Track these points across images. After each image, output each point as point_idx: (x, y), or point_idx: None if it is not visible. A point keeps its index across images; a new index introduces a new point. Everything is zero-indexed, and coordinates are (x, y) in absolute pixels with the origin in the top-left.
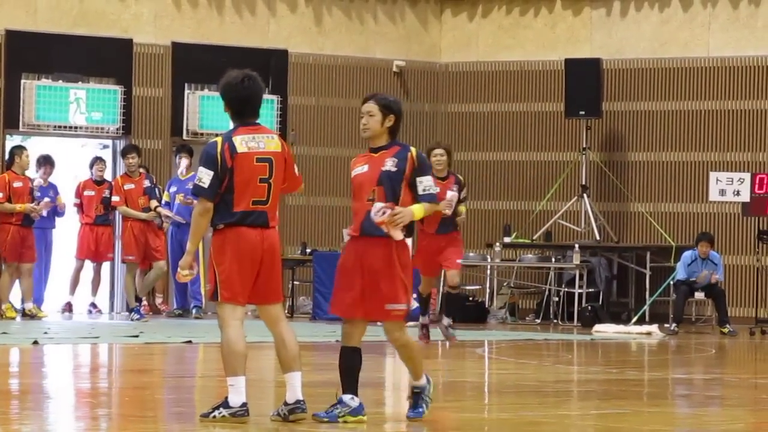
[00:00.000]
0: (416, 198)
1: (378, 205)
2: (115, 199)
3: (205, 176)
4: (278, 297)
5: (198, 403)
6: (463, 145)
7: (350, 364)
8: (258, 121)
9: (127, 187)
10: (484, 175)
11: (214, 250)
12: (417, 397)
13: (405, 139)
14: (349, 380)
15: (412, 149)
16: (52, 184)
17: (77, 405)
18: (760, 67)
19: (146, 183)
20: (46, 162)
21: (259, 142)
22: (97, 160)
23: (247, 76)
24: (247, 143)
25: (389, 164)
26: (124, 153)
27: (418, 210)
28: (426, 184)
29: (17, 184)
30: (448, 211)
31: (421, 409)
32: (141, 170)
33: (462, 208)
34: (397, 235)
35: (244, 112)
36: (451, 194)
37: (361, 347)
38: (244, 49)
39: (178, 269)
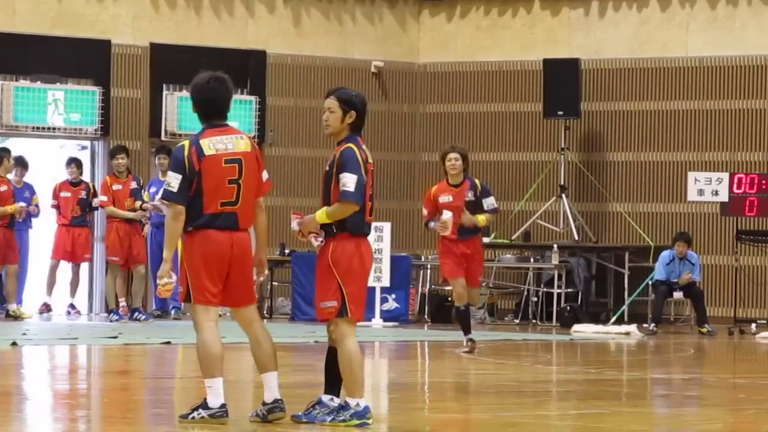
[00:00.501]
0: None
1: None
2: (102, 198)
3: (174, 180)
4: (251, 299)
5: (177, 404)
6: (441, 145)
7: (329, 364)
8: (227, 122)
9: (115, 187)
10: None
11: (185, 252)
12: (338, 407)
13: (383, 140)
14: (328, 380)
15: (346, 145)
16: (28, 184)
17: (56, 406)
18: (738, 67)
19: (133, 185)
20: (18, 163)
21: (228, 143)
22: (71, 162)
23: (215, 77)
24: (214, 145)
25: (329, 163)
26: (113, 154)
27: (320, 214)
28: (342, 181)
29: (2, 188)
30: (446, 233)
31: (325, 417)
32: (127, 172)
33: (480, 218)
34: (313, 242)
35: (210, 113)
36: (447, 216)
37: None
38: (223, 50)
39: (158, 281)
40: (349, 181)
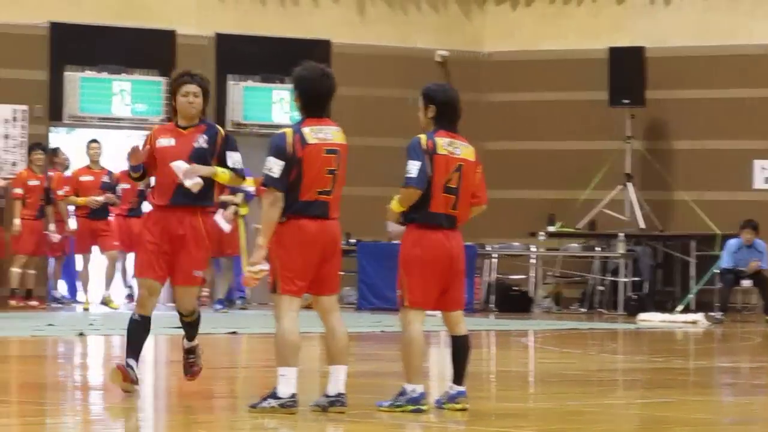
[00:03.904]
0: None
1: None
2: None
3: (275, 166)
4: (335, 288)
5: (244, 393)
6: (507, 134)
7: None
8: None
9: None
10: (528, 165)
11: (276, 242)
12: (397, 393)
13: None
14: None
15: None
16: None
17: (123, 396)
18: None
19: None
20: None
21: (327, 133)
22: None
23: (325, 73)
24: (316, 134)
25: None
26: None
27: (394, 202)
28: (406, 168)
29: (87, 178)
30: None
31: (384, 402)
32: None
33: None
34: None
35: (315, 107)
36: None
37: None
38: (287, 39)
39: (250, 267)
40: (411, 167)
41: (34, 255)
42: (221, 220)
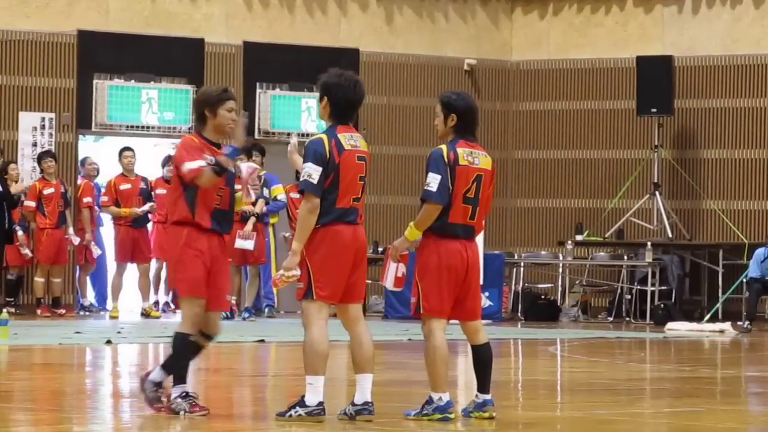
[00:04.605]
0: None
1: None
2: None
3: (314, 172)
4: (361, 296)
5: (271, 402)
6: (534, 143)
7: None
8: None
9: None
10: (556, 174)
11: (310, 248)
12: (424, 402)
13: (478, 138)
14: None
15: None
16: (96, 183)
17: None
18: None
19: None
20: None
21: (356, 141)
22: (169, 160)
23: (357, 82)
24: (348, 141)
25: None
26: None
27: (409, 230)
28: (426, 181)
29: (124, 186)
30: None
31: (411, 412)
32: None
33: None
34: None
35: (346, 115)
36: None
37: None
38: (315, 48)
39: (282, 271)
40: (431, 180)
41: (55, 264)
42: (243, 242)
